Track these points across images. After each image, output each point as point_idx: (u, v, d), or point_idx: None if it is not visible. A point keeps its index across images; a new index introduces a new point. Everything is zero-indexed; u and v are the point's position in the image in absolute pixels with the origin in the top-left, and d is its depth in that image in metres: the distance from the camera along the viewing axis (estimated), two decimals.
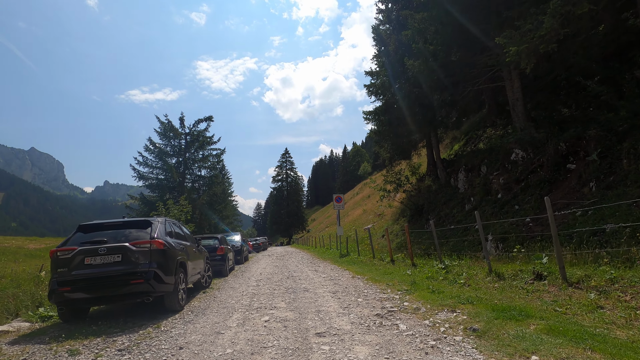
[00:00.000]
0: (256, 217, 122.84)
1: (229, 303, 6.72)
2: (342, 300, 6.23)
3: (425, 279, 7.56)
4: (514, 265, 6.71)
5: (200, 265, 8.26)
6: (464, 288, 6.11)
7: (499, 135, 14.99)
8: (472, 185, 13.87)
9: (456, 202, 14.15)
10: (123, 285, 5.29)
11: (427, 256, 11.22)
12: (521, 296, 4.91)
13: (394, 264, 11.00)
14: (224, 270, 11.71)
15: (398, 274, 8.80)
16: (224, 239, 13.21)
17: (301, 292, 7.44)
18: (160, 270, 5.58)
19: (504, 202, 10.87)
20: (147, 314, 6.06)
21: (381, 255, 12.99)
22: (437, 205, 15.52)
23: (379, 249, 15.41)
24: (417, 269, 8.96)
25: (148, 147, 23.31)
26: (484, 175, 13.45)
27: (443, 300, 5.19)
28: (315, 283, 8.60)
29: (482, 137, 16.82)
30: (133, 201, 23.05)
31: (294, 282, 9.14)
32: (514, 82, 12.26)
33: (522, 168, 11.28)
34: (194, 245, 8.09)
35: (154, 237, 5.75)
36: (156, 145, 23.53)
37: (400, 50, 16.66)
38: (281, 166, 75.50)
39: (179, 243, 6.78)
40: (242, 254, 17.34)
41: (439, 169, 17.49)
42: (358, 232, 17.92)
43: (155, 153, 23.24)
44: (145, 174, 23.07)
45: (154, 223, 6.06)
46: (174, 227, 7.14)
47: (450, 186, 16.06)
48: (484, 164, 13.79)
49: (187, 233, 8.15)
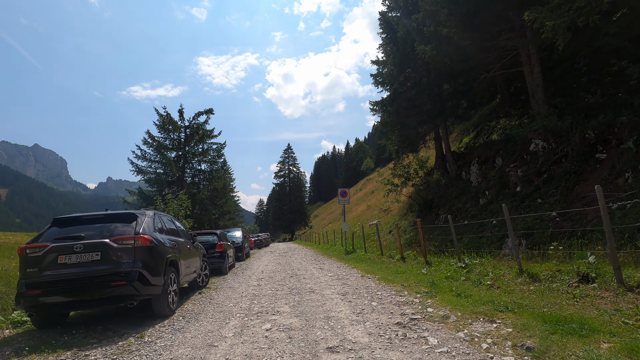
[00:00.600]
0: (258, 214, 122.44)
1: (226, 306, 6.00)
2: (353, 304, 5.50)
3: (444, 279, 6.81)
4: (548, 264, 5.94)
5: (195, 264, 7.56)
6: (493, 291, 5.35)
7: (514, 126, 14.14)
8: (486, 179, 13.06)
9: (469, 196, 13.36)
10: (102, 288, 4.58)
11: (440, 253, 10.46)
12: (568, 302, 4.15)
13: (405, 262, 10.26)
14: (223, 268, 11.02)
15: (412, 273, 8.06)
16: (223, 234, 12.52)
17: (307, 293, 6.72)
18: (146, 270, 4.86)
19: (524, 196, 10.07)
20: (133, 319, 5.35)
21: (390, 252, 12.25)
22: (448, 200, 14.72)
23: (386, 245, 14.68)
24: (433, 268, 8.22)
25: (146, 141, 22.60)
26: (500, 167, 12.64)
27: (475, 307, 4.44)
28: (321, 283, 7.88)
29: (495, 128, 15.96)
30: (132, 197, 22.40)
31: (298, 281, 8.42)
32: (533, 67, 11.39)
33: (544, 159, 10.46)
34: (189, 242, 7.37)
35: (139, 232, 5.02)
36: (155, 138, 22.80)
37: (409, 37, 15.79)
38: (283, 162, 74.79)
39: (171, 239, 6.07)
40: (243, 251, 16.67)
41: (448, 162, 16.67)
42: (363, 228, 17.20)
43: (154, 147, 22.53)
44: (143, 168, 22.39)
45: (140, 217, 5.33)
46: (165, 222, 6.42)
47: (462, 180, 15.26)
48: (499, 155, 12.97)
49: (181, 228, 7.44)
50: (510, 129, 14.25)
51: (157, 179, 22.30)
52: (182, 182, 22.67)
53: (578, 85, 12.36)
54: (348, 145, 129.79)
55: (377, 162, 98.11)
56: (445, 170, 18.73)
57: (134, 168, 22.20)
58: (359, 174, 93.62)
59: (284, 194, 72.23)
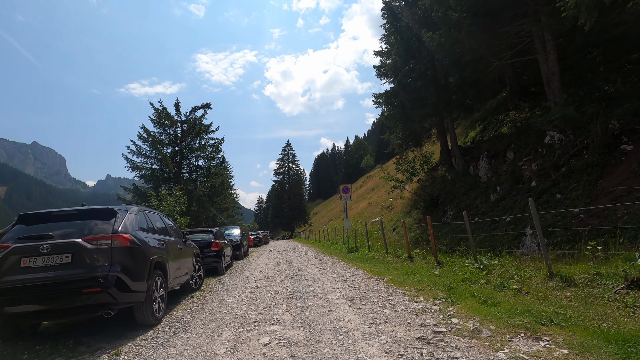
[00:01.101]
0: (258, 211, 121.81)
1: (219, 313, 5.36)
2: (363, 311, 4.86)
3: (461, 282, 6.17)
4: (582, 266, 5.30)
5: (187, 265, 6.90)
6: (523, 297, 4.71)
7: (525, 118, 13.48)
8: (496, 174, 12.41)
9: (478, 192, 12.71)
10: (72, 296, 3.93)
11: (451, 253, 9.83)
12: (622, 314, 3.50)
13: (413, 262, 9.62)
14: (219, 268, 10.38)
15: (423, 274, 7.42)
16: (220, 232, 11.87)
17: (309, 297, 6.08)
18: (125, 274, 4.20)
19: (540, 191, 9.42)
20: (113, 329, 4.71)
21: (396, 251, 11.62)
22: (455, 196, 14.08)
23: (391, 244, 14.04)
24: (445, 269, 7.58)
25: (142, 136, 21.86)
26: (511, 161, 11.98)
27: (509, 318, 3.79)
28: (325, 285, 7.24)
29: (505, 122, 15.29)
30: (128, 194, 21.72)
31: (300, 283, 7.78)
32: (549, 54, 10.71)
33: (561, 152, 9.80)
34: (180, 241, 6.72)
35: (117, 230, 4.36)
36: (150, 133, 22.07)
37: (414, 26, 15.08)
38: (283, 159, 74.08)
39: (158, 239, 5.40)
40: (241, 249, 16.03)
41: (455, 156, 16.01)
42: (367, 226, 16.55)
43: (150, 142, 21.79)
44: (139, 164, 21.66)
45: (120, 213, 4.67)
46: (153, 219, 5.76)
47: (469, 175, 14.61)
48: (511, 149, 12.31)
49: (171, 226, 6.78)
50: (521, 121, 13.59)
51: (153, 175, 21.60)
52: (178, 178, 21.99)
53: (594, 75, 11.71)
54: (348, 143, 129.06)
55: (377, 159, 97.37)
56: (450, 165, 18.08)
57: (129, 164, 21.47)
58: (359, 171, 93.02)
59: (283, 191, 71.58)
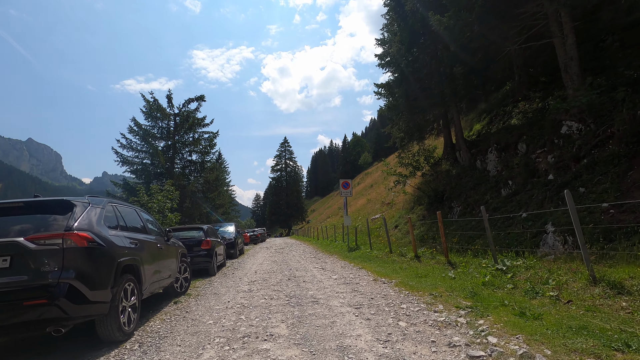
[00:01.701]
0: (255, 208, 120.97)
1: (203, 324, 4.55)
2: (374, 323, 4.06)
3: (482, 286, 5.40)
4: (629, 268, 4.53)
5: (170, 266, 6.08)
6: (566, 307, 3.93)
7: (537, 109, 12.72)
8: (507, 167, 11.65)
9: (488, 186, 11.95)
10: (10, 310, 3.10)
11: (462, 252, 9.08)
12: None
13: (421, 262, 8.86)
14: (210, 268, 9.57)
15: (436, 276, 6.64)
16: (211, 230, 11.04)
17: (309, 304, 5.28)
18: (81, 281, 3.38)
19: (560, 185, 8.65)
20: (68, 347, 3.88)
21: (400, 250, 10.85)
22: (462, 191, 13.31)
23: (394, 242, 13.27)
24: (460, 270, 6.81)
25: (132, 129, 20.88)
26: (524, 154, 11.22)
27: (565, 338, 3.00)
28: (326, 289, 6.45)
29: (513, 113, 14.52)
30: (117, 188, 20.80)
31: (298, 286, 6.99)
32: (566, 37, 9.92)
33: (581, 142, 9.04)
34: (161, 240, 5.89)
35: (72, 227, 3.53)
36: (141, 126, 21.11)
37: (420, 10, 14.25)
38: (280, 156, 73.25)
39: (131, 237, 4.58)
40: (235, 247, 15.22)
41: (461, 149, 15.24)
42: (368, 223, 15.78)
43: (141, 135, 20.85)
44: (129, 159, 20.70)
45: (79, 206, 3.83)
46: (125, 215, 4.92)
47: (477, 169, 13.85)
48: (523, 141, 11.55)
49: (151, 221, 5.95)
50: (532, 112, 12.83)
51: (144, 170, 20.67)
52: (171, 173, 21.08)
53: (612, 62, 10.95)
54: (345, 140, 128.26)
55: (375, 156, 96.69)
56: (455, 160, 17.32)
57: (119, 158, 20.53)
58: (356, 168, 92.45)
59: (280, 188, 70.82)
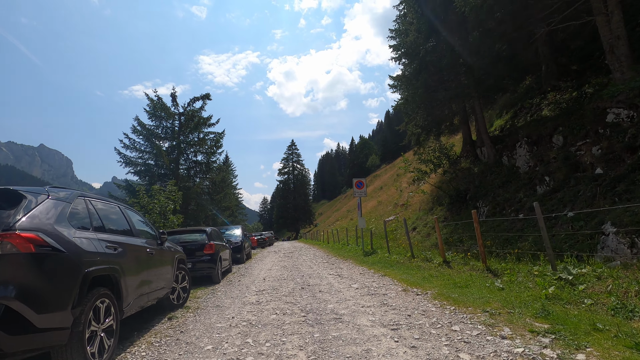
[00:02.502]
0: (262, 212, 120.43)
1: (200, 351, 3.56)
2: (423, 354, 3.02)
3: (546, 299, 4.33)
4: None
5: (164, 275, 5.13)
6: None
7: (571, 98, 11.57)
8: (542, 162, 10.50)
9: (519, 184, 10.80)
10: None
11: (500, 256, 7.97)
12: None
13: (452, 268, 7.78)
14: (214, 275, 8.62)
15: (480, 286, 5.56)
16: (216, 232, 10.11)
17: (331, 322, 4.27)
18: (24, 301, 2.42)
19: (613, 179, 7.52)
20: None
21: (425, 254, 9.76)
22: (488, 190, 12.17)
23: (415, 245, 12.17)
24: (506, 279, 5.72)
25: (136, 129, 20.18)
26: (561, 147, 10.08)
27: None
28: (348, 301, 5.42)
29: (542, 105, 13.37)
30: (120, 190, 20.08)
31: (313, 297, 5.98)
32: (611, 14, 8.81)
33: (635, 131, 7.90)
34: (153, 244, 4.95)
35: (13, 225, 2.59)
36: (145, 126, 20.39)
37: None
38: (287, 159, 72.55)
39: (109, 240, 3.63)
40: (242, 251, 14.28)
41: (485, 145, 14.10)
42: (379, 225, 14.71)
43: (144, 135, 20.13)
44: (133, 159, 19.99)
45: (28, 198, 2.88)
46: (103, 212, 3.97)
47: (503, 165, 12.70)
48: (559, 133, 10.40)
49: (140, 222, 5.00)
50: (566, 102, 11.68)
51: (148, 171, 19.91)
52: (175, 174, 20.29)
53: None
54: (352, 142, 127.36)
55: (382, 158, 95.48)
56: (475, 157, 16.19)
57: (122, 159, 19.81)
58: (364, 171, 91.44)
59: (288, 192, 70.02)
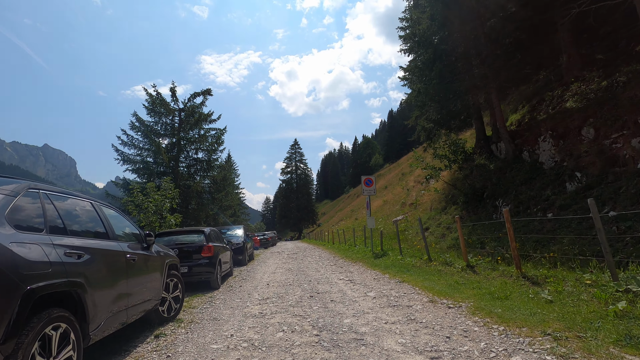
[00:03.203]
0: (265, 212, 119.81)
1: None
2: None
3: (614, 317, 3.48)
4: None
5: (151, 285, 4.32)
6: None
7: (601, 88, 10.67)
8: (571, 156, 9.62)
9: (545, 180, 9.93)
10: None
11: (529, 260, 7.11)
12: None
13: (477, 273, 6.94)
14: (212, 280, 7.82)
15: (523, 298, 4.71)
16: (215, 233, 9.31)
17: (351, 345, 3.44)
18: None
19: None
20: None
21: (443, 257, 8.91)
22: (509, 187, 11.29)
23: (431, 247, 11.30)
24: (550, 288, 4.87)
25: (134, 125, 19.46)
26: (593, 139, 9.20)
27: None
28: (366, 315, 4.59)
29: (565, 97, 12.47)
30: (117, 188, 19.35)
31: (325, 308, 5.16)
32: None
33: None
34: (136, 247, 4.14)
35: None
36: (144, 122, 19.64)
37: None
38: (290, 158, 71.80)
39: (68, 246, 2.81)
40: (244, 253, 13.49)
41: (502, 140, 13.22)
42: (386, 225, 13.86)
43: (142, 131, 19.39)
44: (131, 157, 19.25)
45: None
46: (65, 210, 3.14)
47: (523, 161, 11.83)
48: (589, 125, 9.53)
49: (121, 221, 4.20)
50: (595, 92, 10.78)
51: (146, 169, 19.15)
52: (175, 172, 19.54)
53: None
54: (356, 142, 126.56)
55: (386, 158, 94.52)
56: (490, 153, 15.32)
57: (119, 156, 19.06)
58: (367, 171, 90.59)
59: (291, 191, 69.28)
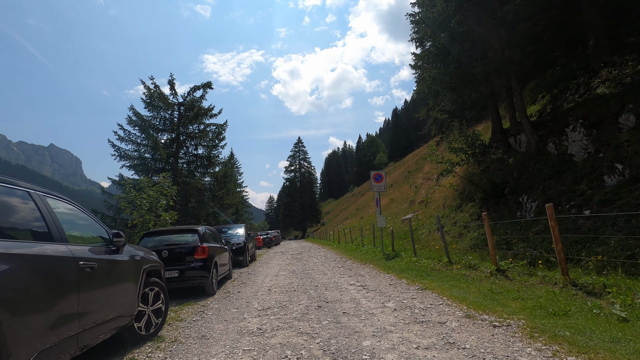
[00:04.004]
0: (269, 211, 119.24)
1: None
2: None
3: None
4: None
5: (121, 297, 3.44)
6: None
7: (636, 72, 9.64)
8: (609, 146, 8.60)
9: (578, 174, 8.92)
10: None
11: (572, 264, 6.13)
12: None
13: (510, 278, 5.99)
14: (207, 285, 6.94)
15: (586, 314, 3.77)
16: (211, 233, 8.43)
17: None
18: None
19: None
20: None
21: (466, 260, 7.95)
22: (534, 182, 10.29)
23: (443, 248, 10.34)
24: (619, 301, 3.92)
25: (131, 119, 18.66)
26: (634, 127, 8.19)
27: None
28: (389, 334, 3.67)
29: (594, 83, 11.42)
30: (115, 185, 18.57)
31: (337, 323, 4.24)
32: None
33: None
34: (100, 251, 3.26)
35: None
36: (141, 116, 18.84)
37: None
38: (294, 156, 71.02)
39: None
40: (245, 253, 12.61)
41: (525, 131, 12.19)
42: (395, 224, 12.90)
43: (140, 126, 18.59)
44: (128, 153, 18.48)
45: None
46: None
47: (549, 154, 10.81)
48: (628, 111, 8.51)
49: (76, 217, 3.32)
50: (631, 77, 9.75)
51: (144, 165, 18.35)
52: (174, 168, 18.72)
53: None
54: (360, 140, 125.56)
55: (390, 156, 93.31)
56: (507, 146, 14.30)
57: (116, 152, 18.28)
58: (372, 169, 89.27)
59: (294, 190, 68.53)
